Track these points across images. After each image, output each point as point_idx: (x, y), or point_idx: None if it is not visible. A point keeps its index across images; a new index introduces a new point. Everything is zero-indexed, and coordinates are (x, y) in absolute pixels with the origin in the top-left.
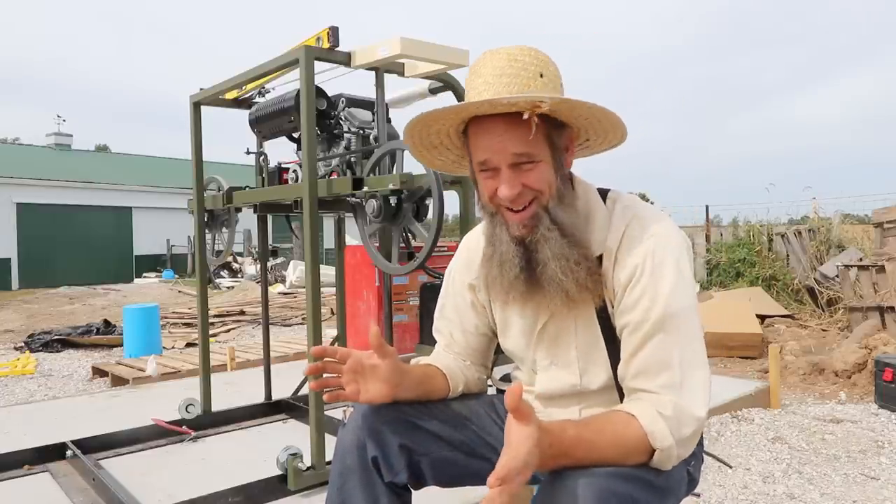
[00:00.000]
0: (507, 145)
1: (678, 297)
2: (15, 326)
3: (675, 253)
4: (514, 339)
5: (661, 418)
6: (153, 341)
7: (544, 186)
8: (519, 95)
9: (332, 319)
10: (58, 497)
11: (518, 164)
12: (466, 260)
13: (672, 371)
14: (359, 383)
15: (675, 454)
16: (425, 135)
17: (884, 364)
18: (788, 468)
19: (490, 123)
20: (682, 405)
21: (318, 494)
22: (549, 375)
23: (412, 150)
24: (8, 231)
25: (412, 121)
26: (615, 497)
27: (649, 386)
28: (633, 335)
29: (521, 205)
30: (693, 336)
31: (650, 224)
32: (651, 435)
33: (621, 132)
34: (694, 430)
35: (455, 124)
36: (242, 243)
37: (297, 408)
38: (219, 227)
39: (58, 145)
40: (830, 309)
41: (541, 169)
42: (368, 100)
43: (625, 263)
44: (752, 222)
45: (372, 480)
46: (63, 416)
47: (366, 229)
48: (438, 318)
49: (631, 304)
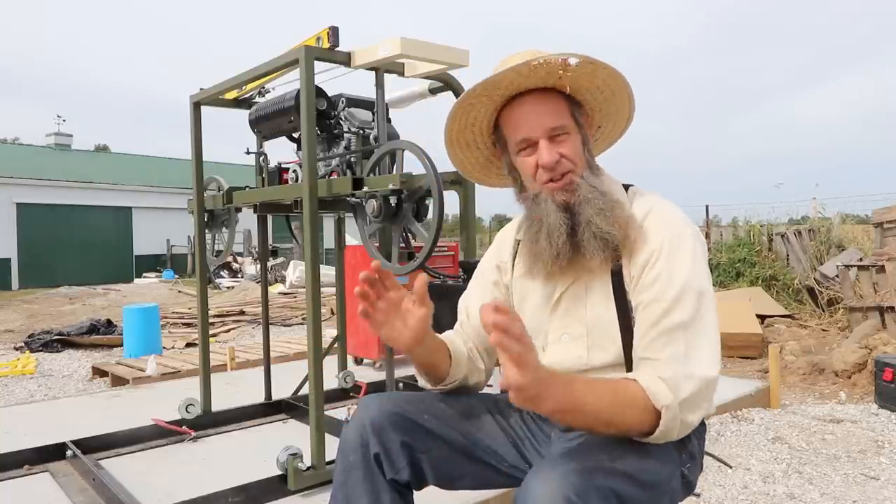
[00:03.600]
0: (542, 119)
1: (693, 279)
2: (15, 326)
3: (692, 240)
4: (530, 311)
5: (660, 380)
6: (153, 341)
7: (577, 158)
8: (552, 54)
9: (332, 319)
10: (58, 497)
11: (553, 136)
12: (498, 245)
13: (678, 344)
14: (389, 319)
15: (680, 416)
16: (462, 125)
17: (884, 364)
18: (788, 468)
19: (524, 103)
20: (684, 369)
21: (319, 494)
22: (559, 349)
23: (448, 147)
24: (8, 231)
25: (454, 108)
26: (595, 490)
27: (654, 356)
28: (647, 311)
29: (559, 173)
30: (704, 315)
31: (668, 215)
32: (652, 395)
33: (629, 108)
34: (697, 388)
35: (491, 108)
36: (242, 243)
37: (297, 408)
38: (219, 227)
39: (58, 145)
40: (830, 309)
41: (573, 140)
42: (368, 100)
43: (644, 248)
44: (752, 222)
45: (374, 477)
46: (63, 416)
47: (366, 229)
48: (461, 299)
49: (647, 284)
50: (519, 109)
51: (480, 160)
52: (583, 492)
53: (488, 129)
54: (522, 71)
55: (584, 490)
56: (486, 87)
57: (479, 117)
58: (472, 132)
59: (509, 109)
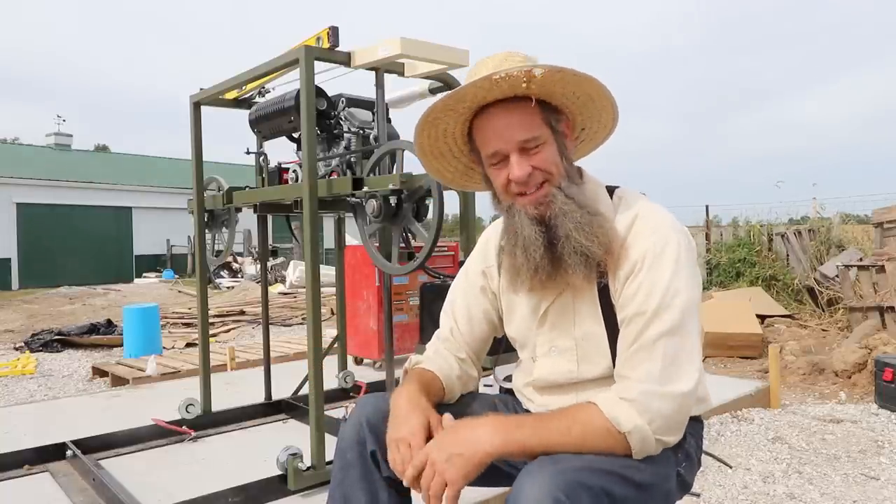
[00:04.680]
0: (512, 132)
1: (673, 291)
2: (15, 326)
3: (675, 249)
4: (517, 323)
5: (624, 402)
6: (153, 341)
7: (552, 167)
8: (514, 66)
9: (332, 319)
10: (58, 497)
11: (525, 148)
12: (483, 249)
13: (654, 361)
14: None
15: (652, 437)
16: (433, 137)
17: (884, 364)
18: (788, 468)
19: (493, 115)
20: (654, 388)
21: (318, 494)
22: (547, 361)
23: (422, 159)
24: (8, 231)
25: (420, 121)
26: (585, 490)
27: (629, 374)
28: (628, 327)
29: (532, 186)
30: (683, 329)
31: (653, 221)
32: (613, 419)
33: (612, 110)
34: (671, 408)
35: (460, 121)
36: (242, 243)
37: (297, 408)
38: (219, 227)
39: (58, 145)
40: (830, 309)
41: (547, 150)
42: (368, 100)
43: (627, 258)
44: (752, 222)
45: (371, 475)
46: (63, 416)
47: (366, 229)
48: (444, 312)
49: (629, 296)
50: (488, 122)
51: (460, 168)
52: (572, 492)
53: (462, 137)
54: (484, 85)
55: (574, 490)
56: (448, 103)
57: (450, 129)
58: (445, 143)
59: (480, 120)
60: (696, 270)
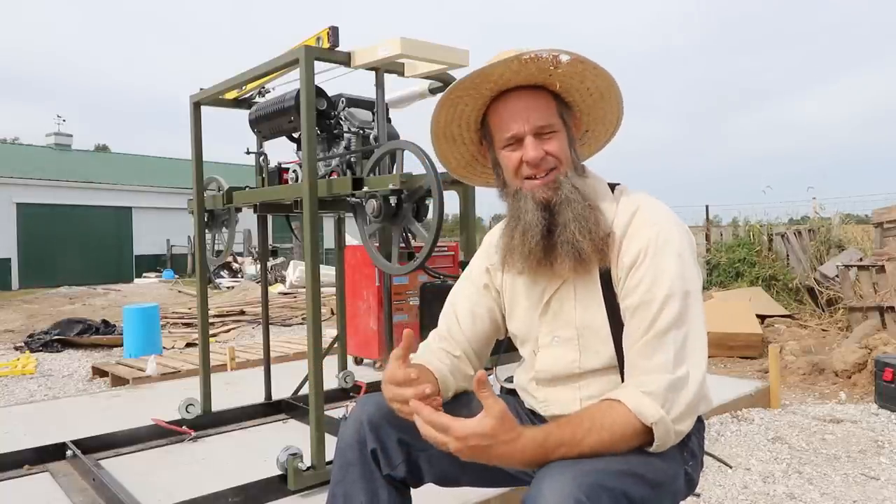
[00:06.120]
0: (530, 115)
1: (678, 281)
2: (15, 326)
3: (678, 241)
4: (519, 317)
5: (645, 395)
6: (153, 341)
7: (563, 156)
8: (542, 48)
9: (332, 319)
10: (58, 497)
11: (540, 134)
12: (486, 247)
13: (666, 351)
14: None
15: (672, 428)
16: (449, 117)
17: (884, 364)
18: (788, 468)
19: (513, 98)
20: (669, 378)
21: (318, 494)
22: (550, 352)
23: (433, 139)
24: (8, 231)
25: (442, 98)
26: (606, 492)
27: (643, 366)
28: (635, 317)
29: (543, 170)
30: (691, 319)
31: (654, 214)
32: (639, 413)
33: (618, 110)
34: (687, 397)
35: (479, 105)
36: (242, 243)
37: (297, 408)
38: (219, 227)
39: (58, 145)
40: (830, 309)
41: (559, 139)
42: (368, 100)
43: (629, 249)
44: (752, 222)
45: (372, 474)
46: (63, 416)
47: (366, 229)
48: (443, 314)
49: (633, 287)
50: (507, 105)
51: (466, 156)
52: (593, 493)
53: (475, 124)
54: (513, 65)
55: (595, 492)
56: (475, 79)
57: (467, 112)
58: (458, 126)
59: (497, 105)
60: (696, 263)
